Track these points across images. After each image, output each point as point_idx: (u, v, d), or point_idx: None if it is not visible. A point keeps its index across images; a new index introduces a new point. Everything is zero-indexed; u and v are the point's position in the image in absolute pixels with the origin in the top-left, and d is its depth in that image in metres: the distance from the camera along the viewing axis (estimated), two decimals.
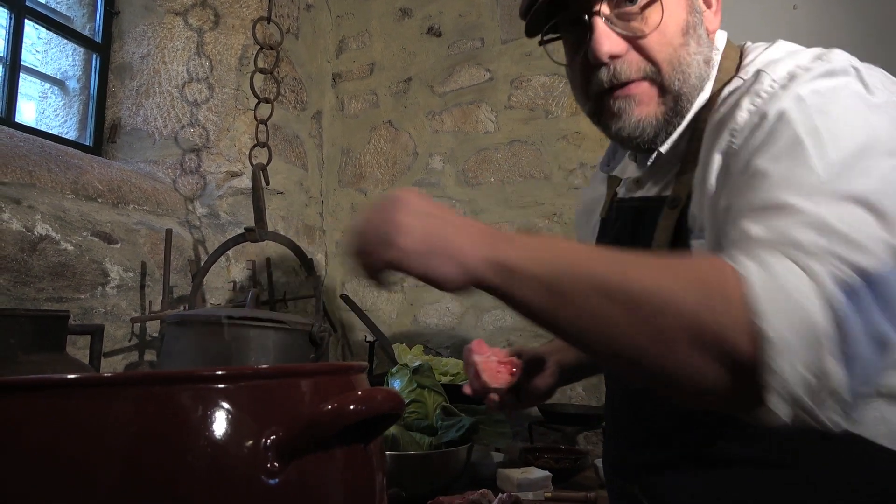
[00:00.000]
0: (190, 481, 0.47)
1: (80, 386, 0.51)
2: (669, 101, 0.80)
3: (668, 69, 0.78)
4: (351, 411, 0.47)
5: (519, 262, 0.59)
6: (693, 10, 0.80)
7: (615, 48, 0.77)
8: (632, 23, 0.78)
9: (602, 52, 0.77)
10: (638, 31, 0.77)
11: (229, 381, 0.49)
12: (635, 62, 0.78)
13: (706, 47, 0.81)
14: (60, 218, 1.54)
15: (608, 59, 0.78)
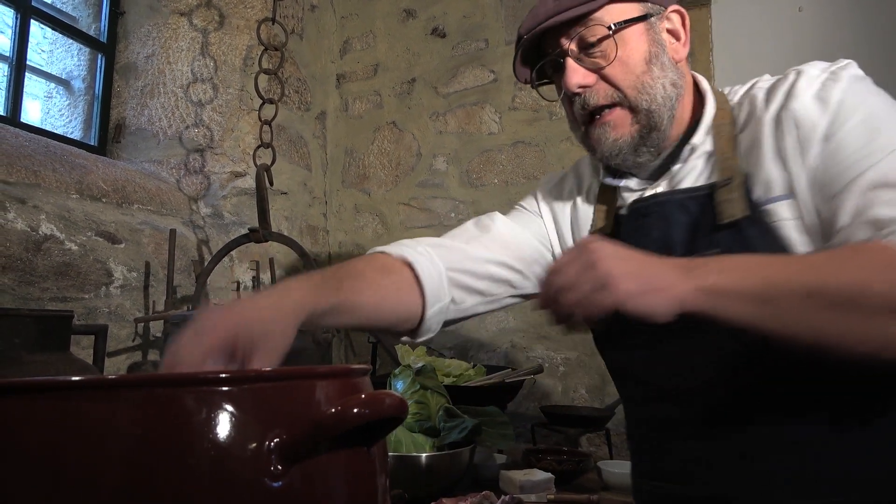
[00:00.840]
0: (193, 484, 0.47)
1: (83, 388, 0.51)
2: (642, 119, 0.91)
3: (633, 93, 0.90)
4: (354, 414, 0.47)
5: (727, 285, 0.68)
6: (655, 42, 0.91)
7: (583, 80, 0.90)
8: (595, 58, 0.90)
9: (572, 83, 0.90)
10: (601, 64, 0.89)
11: (233, 384, 0.49)
12: (603, 90, 0.91)
13: (671, 72, 0.92)
14: (65, 218, 1.55)
15: (578, 89, 0.91)
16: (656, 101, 0.90)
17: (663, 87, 0.90)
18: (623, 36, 0.89)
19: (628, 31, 0.90)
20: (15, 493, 0.48)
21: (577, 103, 0.92)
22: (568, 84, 0.90)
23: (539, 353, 2.14)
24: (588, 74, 0.90)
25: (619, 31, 0.89)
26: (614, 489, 1.48)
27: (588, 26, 0.89)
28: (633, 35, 0.90)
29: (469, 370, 1.85)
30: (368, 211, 2.55)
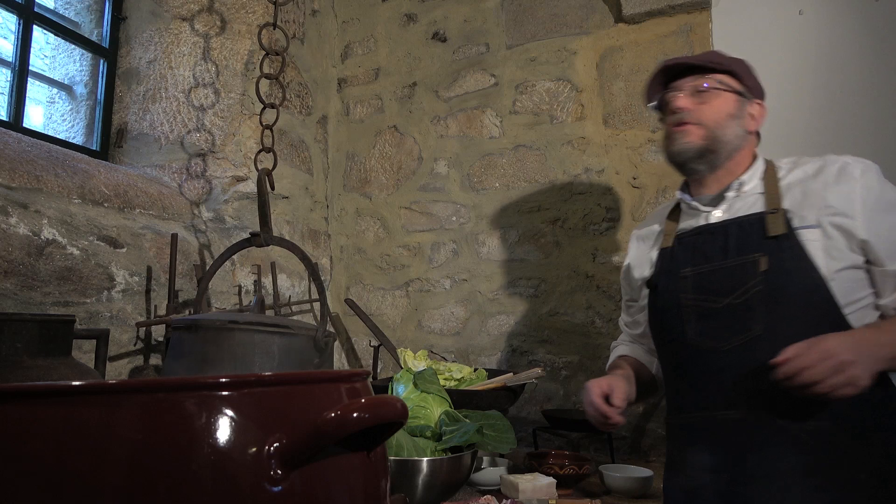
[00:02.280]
0: (194, 488, 0.47)
1: (85, 393, 0.51)
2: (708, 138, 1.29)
3: (712, 124, 1.30)
4: (354, 419, 0.47)
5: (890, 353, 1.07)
6: (739, 110, 1.32)
7: (686, 105, 1.32)
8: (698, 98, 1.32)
9: (677, 105, 1.32)
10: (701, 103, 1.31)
11: (233, 389, 0.49)
12: (694, 115, 1.31)
13: (740, 130, 1.32)
14: (67, 222, 1.55)
15: (680, 109, 1.32)
16: (724, 135, 1.29)
17: (733, 134, 1.30)
18: (722, 94, 1.30)
19: (727, 94, 1.31)
20: (18, 498, 0.48)
21: (674, 117, 1.32)
22: (674, 104, 1.32)
23: (541, 357, 2.14)
24: (690, 103, 1.31)
25: (721, 90, 1.30)
26: (616, 493, 1.48)
27: (706, 76, 1.31)
28: (729, 98, 1.31)
29: (470, 374, 1.84)
30: (370, 215, 2.55)
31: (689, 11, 2.02)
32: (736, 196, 1.30)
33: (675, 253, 1.34)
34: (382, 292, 2.48)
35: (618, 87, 2.12)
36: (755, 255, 1.18)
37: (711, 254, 1.25)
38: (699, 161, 1.31)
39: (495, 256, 2.27)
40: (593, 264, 2.10)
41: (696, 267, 1.27)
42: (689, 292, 1.26)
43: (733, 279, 1.20)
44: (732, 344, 1.18)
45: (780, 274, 1.15)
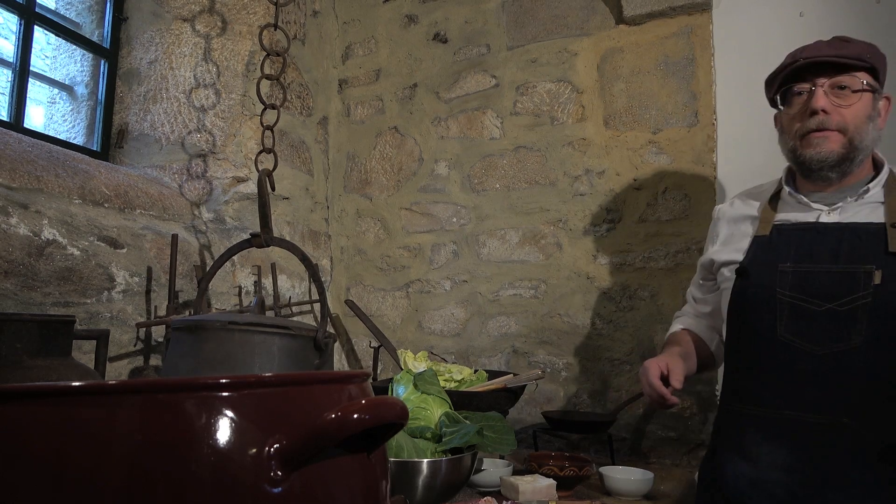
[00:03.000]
0: (194, 489, 0.47)
1: (85, 394, 0.51)
2: (849, 146, 1.24)
3: (853, 130, 1.24)
4: (355, 420, 0.47)
5: None
6: (874, 111, 1.27)
7: (827, 106, 1.24)
8: (839, 97, 1.24)
9: (818, 104, 1.24)
10: (843, 103, 1.24)
11: (233, 390, 0.49)
12: (836, 118, 1.24)
13: (875, 132, 1.27)
14: (67, 223, 1.55)
15: (822, 111, 1.24)
16: (863, 142, 1.24)
17: (870, 139, 1.25)
18: (864, 95, 1.25)
19: (868, 94, 1.25)
20: (18, 498, 0.48)
21: (814, 120, 1.24)
22: (816, 104, 1.24)
23: (541, 359, 2.14)
24: (831, 105, 1.24)
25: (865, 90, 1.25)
26: (616, 495, 1.48)
27: (848, 74, 1.24)
28: (868, 98, 1.25)
29: (471, 375, 1.84)
30: (370, 216, 2.55)
31: (690, 13, 2.02)
32: (855, 201, 1.26)
33: (772, 243, 1.29)
34: (383, 293, 2.48)
35: (618, 88, 2.12)
36: (869, 267, 1.15)
37: (819, 255, 1.21)
38: (834, 170, 1.27)
39: (495, 258, 2.27)
40: (594, 265, 2.10)
41: (799, 264, 1.23)
42: (786, 288, 1.22)
43: (840, 286, 1.17)
44: (829, 350, 1.16)
45: (893, 292, 1.13)
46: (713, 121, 1.97)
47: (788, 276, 1.24)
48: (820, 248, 1.22)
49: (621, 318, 2.03)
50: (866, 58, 1.25)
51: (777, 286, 1.24)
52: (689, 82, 2.01)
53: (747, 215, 1.42)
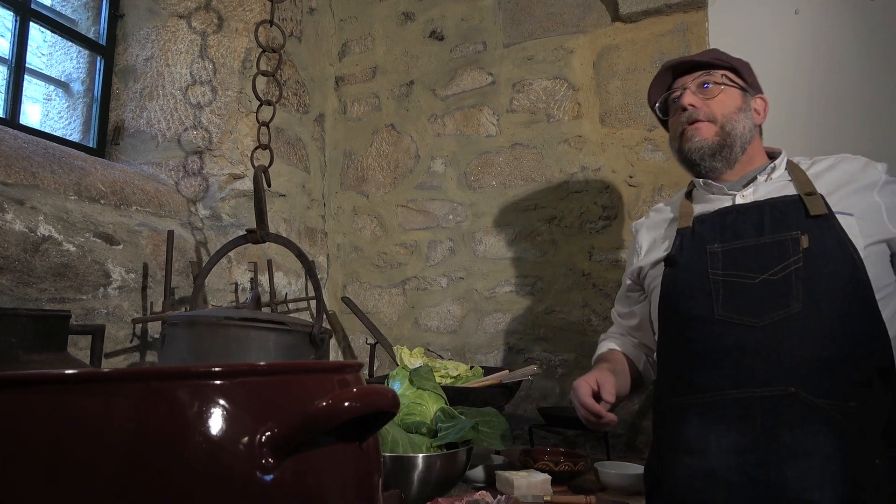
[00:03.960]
0: (186, 477, 0.48)
1: (78, 382, 0.51)
2: (722, 133, 1.33)
3: (722, 119, 1.34)
4: (346, 408, 0.48)
5: None
6: (745, 104, 1.37)
7: (694, 101, 1.36)
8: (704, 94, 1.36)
9: (685, 102, 1.36)
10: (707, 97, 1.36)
11: (226, 378, 0.49)
12: (704, 112, 1.35)
13: (749, 122, 1.36)
14: (63, 219, 1.55)
15: (689, 106, 1.35)
16: (735, 129, 1.33)
17: (743, 127, 1.34)
18: (727, 89, 1.35)
19: (732, 88, 1.36)
20: (13, 486, 0.48)
21: (684, 116, 1.36)
22: (682, 101, 1.36)
23: (537, 355, 2.15)
24: (697, 100, 1.35)
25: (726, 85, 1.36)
26: (611, 490, 1.48)
27: (708, 73, 1.37)
28: (734, 92, 1.36)
29: (467, 371, 1.85)
30: (367, 213, 2.55)
31: (686, 10, 2.03)
32: (765, 181, 1.32)
33: (696, 231, 1.33)
34: (379, 290, 2.48)
35: (614, 85, 2.13)
36: (795, 233, 1.18)
37: (744, 231, 1.25)
38: (715, 158, 1.34)
39: (492, 254, 2.28)
40: (590, 262, 2.11)
41: (727, 243, 1.26)
42: (718, 267, 1.24)
43: (770, 256, 1.19)
44: (768, 320, 1.17)
45: (821, 252, 1.16)
46: None
47: (718, 256, 1.25)
48: (744, 225, 1.26)
49: None
50: (723, 58, 1.38)
51: (708, 267, 1.25)
52: None
53: (666, 219, 1.47)
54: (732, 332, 1.20)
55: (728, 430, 1.17)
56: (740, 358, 1.18)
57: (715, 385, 1.20)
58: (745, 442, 1.15)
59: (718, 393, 1.19)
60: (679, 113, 1.38)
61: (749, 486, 1.13)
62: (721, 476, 1.16)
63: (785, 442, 1.12)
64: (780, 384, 1.14)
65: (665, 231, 1.45)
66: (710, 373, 1.21)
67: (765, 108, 1.41)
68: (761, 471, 1.12)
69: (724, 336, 1.21)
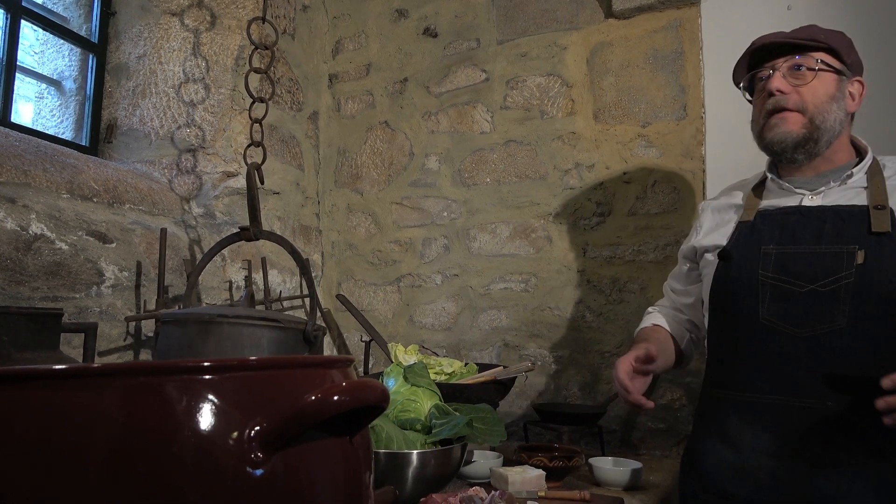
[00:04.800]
0: (176, 471, 0.48)
1: (67, 377, 0.51)
2: (810, 127, 1.24)
3: (812, 109, 1.24)
4: (335, 402, 0.48)
5: None
6: (840, 91, 1.27)
7: (783, 87, 1.26)
8: (797, 78, 1.26)
9: (773, 86, 1.26)
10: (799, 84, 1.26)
11: (215, 373, 0.49)
12: (794, 99, 1.25)
13: (841, 113, 1.27)
14: (55, 217, 1.55)
15: (777, 91, 1.26)
16: (826, 122, 1.24)
17: (833, 118, 1.25)
18: (821, 74, 1.25)
19: (827, 73, 1.26)
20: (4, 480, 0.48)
21: (770, 101, 1.27)
22: (770, 85, 1.26)
23: (532, 352, 2.15)
24: (787, 85, 1.26)
25: (821, 70, 1.25)
26: (605, 485, 1.49)
27: (803, 55, 1.26)
28: (829, 78, 1.26)
29: (461, 368, 1.85)
30: (361, 211, 2.55)
31: (679, 6, 2.03)
32: (838, 186, 1.26)
33: (756, 227, 1.29)
34: (374, 288, 2.48)
35: (608, 82, 2.13)
36: (852, 247, 1.14)
37: (802, 236, 1.21)
38: (798, 151, 1.27)
39: (486, 251, 2.28)
40: (584, 259, 2.11)
41: (782, 246, 1.23)
42: (769, 269, 1.22)
43: (823, 266, 1.17)
44: (811, 332, 1.16)
45: (876, 271, 1.12)
46: (702, 114, 1.98)
47: (771, 258, 1.23)
48: (803, 230, 1.22)
49: (611, 311, 2.04)
50: (820, 38, 1.27)
51: (759, 268, 1.24)
52: (678, 76, 2.02)
53: (732, 204, 1.43)
54: (776, 338, 1.20)
55: (763, 432, 1.19)
56: (782, 365, 1.19)
57: (755, 387, 1.21)
58: (777, 447, 1.17)
59: (759, 395, 1.21)
60: (765, 96, 1.30)
61: (776, 489, 1.15)
62: (751, 473, 1.19)
63: (817, 452, 1.13)
64: (819, 397, 1.14)
65: (727, 217, 1.40)
66: (752, 374, 1.23)
67: (861, 93, 1.32)
68: (790, 476, 1.14)
69: (768, 340, 1.21)
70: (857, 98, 1.32)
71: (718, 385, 1.32)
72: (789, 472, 1.15)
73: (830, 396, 1.13)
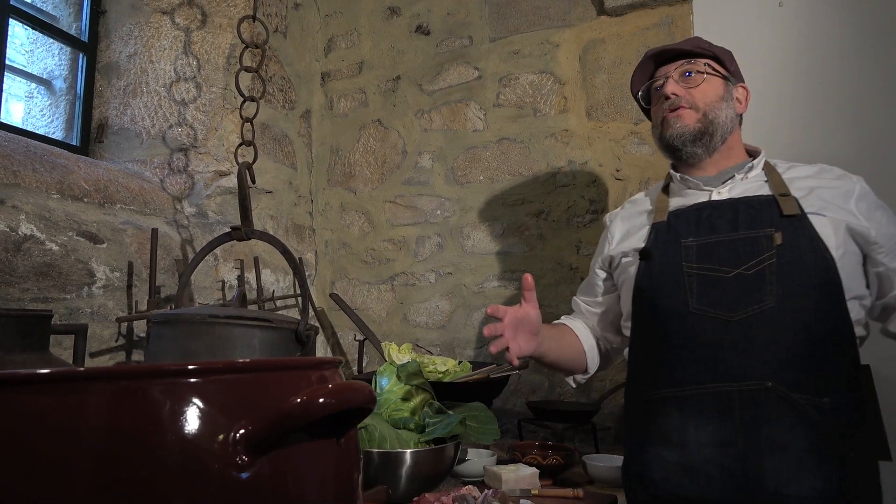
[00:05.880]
0: (161, 476, 0.47)
1: (51, 381, 0.51)
2: (704, 122, 1.33)
3: (704, 106, 1.34)
4: (320, 404, 0.47)
5: None
6: (728, 93, 1.37)
7: (676, 90, 1.35)
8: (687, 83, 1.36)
9: (668, 91, 1.36)
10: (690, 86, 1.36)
11: (199, 376, 0.49)
12: (686, 100, 1.35)
13: (732, 112, 1.37)
14: (45, 218, 1.54)
15: (672, 95, 1.35)
16: (718, 117, 1.33)
17: (725, 116, 1.34)
18: (709, 78, 1.36)
19: (714, 77, 1.37)
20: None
21: (666, 104, 1.36)
22: (665, 90, 1.36)
23: None
24: (679, 88, 1.35)
25: (709, 73, 1.36)
26: (599, 482, 1.49)
27: (691, 61, 1.37)
28: (716, 81, 1.37)
29: (455, 367, 1.85)
30: (354, 209, 2.54)
31: (671, 3, 2.03)
32: (742, 179, 1.33)
33: (671, 225, 1.33)
34: (368, 286, 2.48)
35: (600, 79, 2.13)
36: (769, 230, 1.20)
37: (719, 226, 1.26)
38: (696, 144, 1.34)
39: (480, 249, 2.28)
40: (577, 256, 2.11)
41: (701, 237, 1.26)
42: (692, 261, 1.25)
43: (745, 251, 1.20)
44: (743, 314, 1.17)
45: (794, 249, 1.17)
46: None
47: (693, 250, 1.26)
48: (719, 220, 1.27)
49: None
50: (705, 46, 1.38)
51: (683, 261, 1.25)
52: None
53: (641, 210, 1.46)
54: (708, 326, 1.20)
55: (706, 424, 1.17)
56: (717, 352, 1.18)
57: (693, 378, 1.20)
58: (723, 435, 1.15)
59: (696, 386, 1.19)
60: (661, 101, 1.38)
61: (728, 480, 1.13)
62: (700, 469, 1.16)
63: (763, 436, 1.12)
64: (757, 378, 1.14)
65: (639, 223, 1.44)
66: (688, 366, 1.21)
67: (746, 98, 1.42)
68: (739, 464, 1.13)
69: (700, 330, 1.21)
70: (744, 102, 1.41)
71: (651, 386, 1.28)
72: (738, 459, 1.13)
73: (768, 376, 1.13)
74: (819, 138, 1.80)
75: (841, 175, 1.29)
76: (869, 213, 1.22)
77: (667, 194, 1.42)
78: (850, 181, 1.27)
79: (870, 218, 1.22)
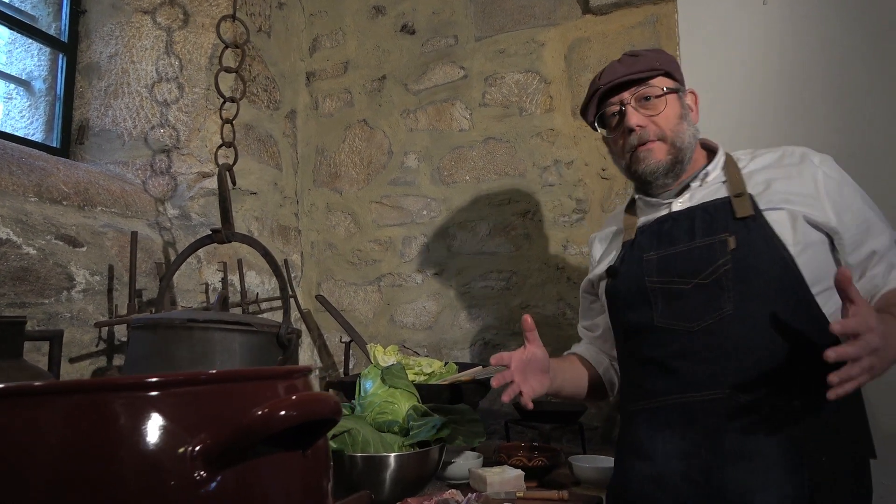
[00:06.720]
0: (118, 491, 0.46)
1: (8, 396, 0.49)
2: (673, 152, 1.30)
3: (671, 135, 1.29)
4: (281, 417, 0.46)
5: None
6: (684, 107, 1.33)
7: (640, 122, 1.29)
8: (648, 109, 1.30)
9: (633, 122, 1.29)
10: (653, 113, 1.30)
11: (158, 389, 0.48)
12: (653, 130, 1.29)
13: (692, 127, 1.33)
14: (22, 221, 1.51)
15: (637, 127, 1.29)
16: (684, 142, 1.30)
17: (688, 135, 1.31)
18: (667, 99, 1.30)
19: (671, 96, 1.31)
20: None
21: (633, 137, 1.30)
22: (629, 123, 1.29)
23: (513, 349, 2.13)
24: (642, 118, 1.29)
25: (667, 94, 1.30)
26: (585, 483, 1.48)
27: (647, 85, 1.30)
28: (673, 99, 1.31)
29: (441, 368, 1.84)
30: (340, 210, 2.53)
31: (656, 2, 2.03)
32: (699, 186, 1.31)
33: (637, 241, 1.33)
34: (354, 287, 2.46)
35: (586, 78, 2.12)
36: (723, 236, 1.18)
37: (677, 237, 1.25)
38: (668, 175, 1.31)
39: (466, 250, 2.26)
40: (564, 256, 2.10)
41: (661, 250, 1.26)
42: (653, 275, 1.25)
43: (702, 260, 1.19)
44: (703, 324, 1.17)
45: (749, 252, 1.15)
46: None
47: (654, 263, 1.26)
48: (678, 231, 1.26)
49: None
50: (657, 65, 1.32)
51: (645, 275, 1.26)
52: None
53: (614, 231, 1.47)
54: (673, 339, 1.20)
55: (672, 436, 1.18)
56: (682, 363, 1.19)
57: (662, 391, 1.21)
58: (687, 447, 1.16)
59: (664, 398, 1.21)
60: (625, 132, 1.32)
61: (693, 491, 1.13)
62: (668, 481, 1.17)
63: (726, 445, 1.12)
64: (718, 387, 1.14)
65: (614, 242, 1.45)
66: (656, 379, 1.23)
67: (696, 102, 1.39)
68: (704, 475, 1.13)
69: (665, 343, 1.21)
70: (696, 107, 1.39)
71: (630, 400, 1.31)
72: (703, 470, 1.13)
73: (729, 385, 1.13)
74: (803, 136, 1.80)
75: (801, 158, 1.25)
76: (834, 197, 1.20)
77: (633, 212, 1.42)
78: (810, 165, 1.23)
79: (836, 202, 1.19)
